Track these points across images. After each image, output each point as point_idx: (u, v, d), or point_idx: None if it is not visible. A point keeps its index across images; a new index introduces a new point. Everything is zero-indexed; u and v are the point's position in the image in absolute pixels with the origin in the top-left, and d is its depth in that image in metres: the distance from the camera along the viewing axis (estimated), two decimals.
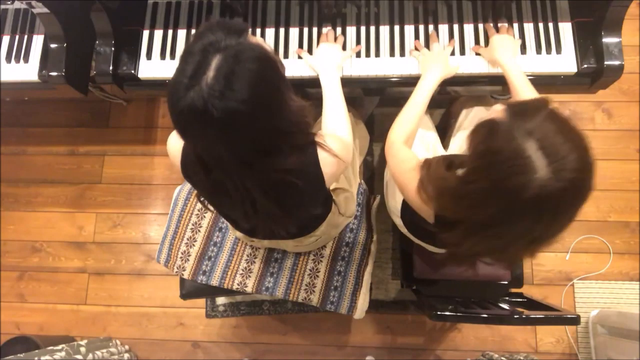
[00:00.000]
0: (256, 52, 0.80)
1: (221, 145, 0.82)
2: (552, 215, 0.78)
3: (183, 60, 0.79)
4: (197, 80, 0.75)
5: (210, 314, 2.04)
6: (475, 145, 0.82)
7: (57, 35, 1.39)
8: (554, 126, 0.75)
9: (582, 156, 0.75)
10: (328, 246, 1.42)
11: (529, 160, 0.73)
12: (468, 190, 0.82)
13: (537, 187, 0.73)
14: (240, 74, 0.76)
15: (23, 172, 2.25)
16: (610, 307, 1.95)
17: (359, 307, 1.41)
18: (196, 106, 0.75)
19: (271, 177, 0.90)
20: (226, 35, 0.79)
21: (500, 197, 0.78)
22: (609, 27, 1.26)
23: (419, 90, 1.21)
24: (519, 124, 0.76)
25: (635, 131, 2.08)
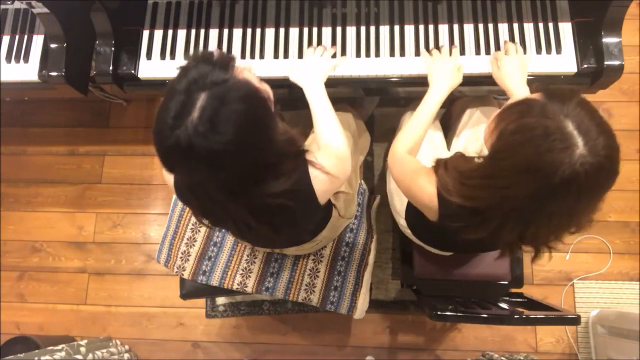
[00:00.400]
0: (243, 91, 0.78)
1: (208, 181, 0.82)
2: (591, 190, 0.78)
3: (167, 98, 0.78)
4: (181, 120, 0.74)
5: (210, 314, 2.04)
6: (506, 125, 0.81)
7: (57, 35, 1.39)
8: (585, 111, 0.77)
9: (611, 138, 0.77)
10: (328, 246, 1.42)
11: (570, 137, 0.75)
12: (501, 167, 0.82)
13: (579, 163, 0.74)
14: (226, 115, 0.75)
15: (23, 172, 2.25)
16: (610, 307, 1.94)
17: (359, 307, 1.41)
18: (181, 146, 0.75)
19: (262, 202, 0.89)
20: (211, 70, 0.77)
21: (537, 173, 0.77)
22: (609, 27, 1.26)
23: (426, 102, 1.21)
24: (555, 105, 0.78)
25: (635, 131, 2.08)
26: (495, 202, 0.85)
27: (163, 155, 0.80)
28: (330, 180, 0.97)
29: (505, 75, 1.23)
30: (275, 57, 1.37)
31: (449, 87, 1.23)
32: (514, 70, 1.23)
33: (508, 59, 1.25)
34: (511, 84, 1.21)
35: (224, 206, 0.89)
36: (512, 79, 1.22)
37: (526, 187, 0.79)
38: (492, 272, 1.44)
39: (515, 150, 0.79)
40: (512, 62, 1.24)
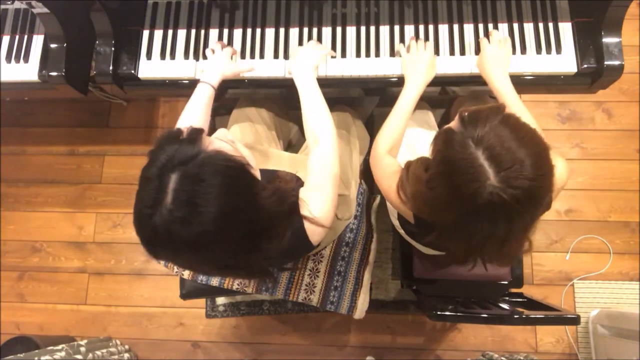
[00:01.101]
0: (216, 163, 0.74)
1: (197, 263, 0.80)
2: (506, 219, 0.79)
3: (140, 187, 0.75)
4: (157, 206, 0.71)
5: (210, 314, 2.04)
6: (435, 153, 0.85)
7: (57, 35, 1.39)
8: (505, 133, 0.77)
9: (535, 163, 0.76)
10: (328, 246, 1.42)
11: (480, 169, 0.76)
12: (432, 195, 0.86)
13: (487, 194, 0.75)
14: (204, 194, 0.71)
15: (23, 172, 2.25)
16: (610, 307, 1.94)
17: (359, 307, 1.41)
18: (159, 234, 0.72)
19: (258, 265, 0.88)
20: (178, 148, 0.74)
21: (458, 202, 0.81)
22: (609, 27, 1.26)
23: (402, 99, 1.20)
24: (469, 133, 0.79)
25: (635, 131, 2.08)
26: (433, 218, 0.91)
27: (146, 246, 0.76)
28: (323, 230, 0.95)
29: (487, 65, 1.21)
30: (275, 57, 1.37)
31: (424, 82, 1.22)
32: (495, 60, 1.22)
33: (491, 48, 1.24)
34: (492, 74, 1.20)
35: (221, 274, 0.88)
36: (493, 69, 1.20)
37: (451, 212, 0.83)
38: (492, 272, 1.44)
39: (440, 181, 0.83)
40: (494, 52, 1.23)
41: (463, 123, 0.81)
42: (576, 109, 2.12)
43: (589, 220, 2.02)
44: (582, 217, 2.02)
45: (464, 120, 0.82)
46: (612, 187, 2.04)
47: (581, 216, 2.02)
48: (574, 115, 2.11)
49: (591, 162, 2.07)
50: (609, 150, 2.07)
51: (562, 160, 1.01)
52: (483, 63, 1.23)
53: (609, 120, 2.11)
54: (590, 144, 2.08)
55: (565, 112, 2.12)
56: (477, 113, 0.82)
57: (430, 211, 0.90)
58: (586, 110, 2.12)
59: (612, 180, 2.04)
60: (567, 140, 2.09)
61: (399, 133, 1.18)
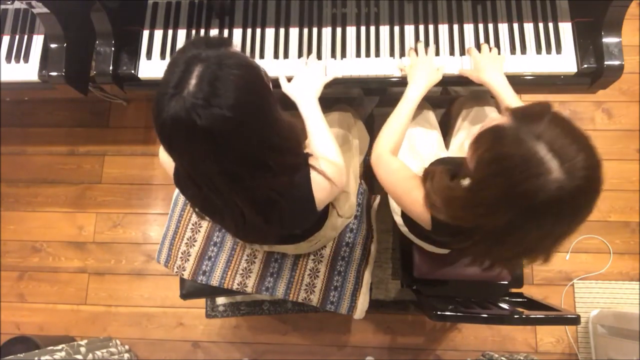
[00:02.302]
0: (239, 59, 0.78)
1: (207, 158, 0.79)
2: (571, 213, 0.77)
3: (167, 72, 0.78)
4: (180, 89, 0.73)
5: (210, 314, 2.04)
6: (481, 154, 0.80)
7: (57, 35, 1.39)
8: (559, 129, 0.75)
9: (590, 155, 0.75)
10: (328, 246, 1.42)
11: (542, 162, 0.73)
12: (480, 198, 0.81)
13: (554, 189, 0.72)
14: (225, 78, 0.74)
15: (23, 172, 2.25)
16: (610, 307, 1.95)
17: (359, 307, 1.41)
18: (179, 116, 0.73)
19: (260, 194, 0.87)
20: (207, 48, 0.78)
21: (515, 202, 0.77)
22: (609, 27, 1.26)
23: (404, 101, 1.21)
24: (526, 128, 0.76)
25: (635, 131, 2.08)
26: (476, 224, 0.86)
27: (160, 129, 0.77)
28: (330, 187, 0.96)
29: (480, 70, 1.24)
30: (275, 57, 1.37)
31: (427, 83, 1.23)
32: (487, 64, 1.24)
33: (480, 56, 1.27)
34: (488, 76, 1.22)
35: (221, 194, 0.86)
36: (487, 72, 1.22)
37: (504, 214, 0.79)
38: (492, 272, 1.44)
39: (491, 181, 0.79)
40: (484, 58, 1.26)
41: (516, 119, 0.78)
42: (576, 109, 2.12)
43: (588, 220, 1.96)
44: None
45: (516, 116, 0.79)
46: (612, 187, 2.04)
47: None
48: (574, 115, 2.11)
49: None
50: (609, 150, 2.07)
51: None
52: (479, 70, 1.25)
53: (609, 120, 2.11)
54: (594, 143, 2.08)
55: (565, 112, 2.11)
56: (529, 109, 0.80)
57: (474, 216, 0.85)
58: (586, 110, 2.12)
59: (612, 180, 2.04)
60: None
61: (400, 134, 1.18)
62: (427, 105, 1.53)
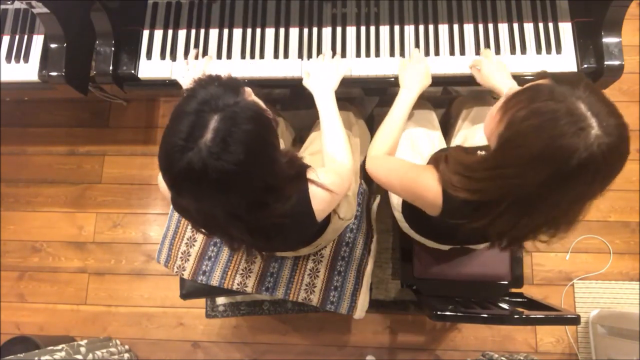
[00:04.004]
0: (252, 112, 0.79)
1: (213, 204, 0.82)
2: (605, 173, 0.76)
3: (176, 120, 0.77)
4: (193, 142, 0.74)
5: (210, 314, 2.04)
6: (516, 111, 0.78)
7: (57, 35, 1.39)
8: (596, 92, 0.76)
9: (620, 120, 0.75)
10: (328, 246, 1.42)
11: (585, 118, 0.72)
12: (512, 156, 0.79)
13: (596, 145, 0.71)
14: (237, 135, 0.75)
15: (23, 172, 2.25)
16: (610, 307, 1.95)
17: (359, 307, 1.41)
18: (193, 168, 0.74)
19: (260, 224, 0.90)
20: (223, 93, 0.78)
21: (552, 158, 0.74)
22: (609, 27, 1.26)
23: (397, 105, 1.22)
24: (565, 88, 0.75)
25: (636, 131, 2.08)
26: (502, 192, 0.83)
27: (172, 178, 0.78)
28: (330, 197, 0.97)
29: (487, 75, 1.24)
30: (275, 57, 1.37)
31: (419, 88, 1.24)
32: (494, 69, 1.24)
33: (486, 61, 1.27)
34: (496, 81, 1.22)
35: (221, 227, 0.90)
36: (495, 76, 1.23)
37: (539, 174, 0.76)
38: (492, 272, 1.44)
39: (528, 136, 0.75)
40: (490, 63, 1.26)
41: (555, 80, 0.78)
42: None
43: (589, 220, 2.02)
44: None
45: (555, 78, 0.78)
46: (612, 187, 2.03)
47: None
48: None
49: None
50: None
51: None
52: (482, 74, 1.25)
53: None
54: None
55: None
56: (566, 75, 0.81)
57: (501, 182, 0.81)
58: None
59: None
60: None
61: (395, 137, 1.18)
62: (428, 106, 1.53)
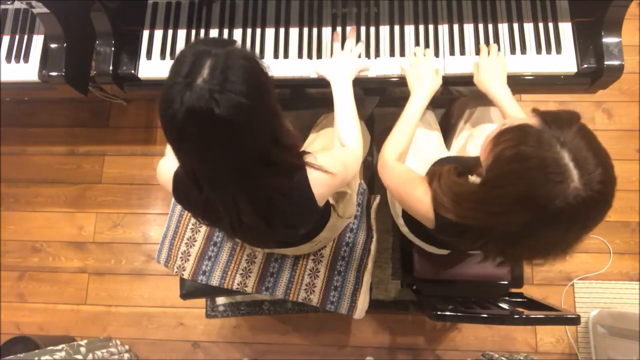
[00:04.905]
0: (245, 52, 0.81)
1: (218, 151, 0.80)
2: (582, 223, 0.78)
3: (176, 64, 0.79)
4: (192, 79, 0.75)
5: (210, 314, 2.04)
6: (502, 150, 0.79)
7: (57, 35, 1.39)
8: (587, 139, 0.76)
9: (608, 172, 0.75)
10: (328, 246, 1.42)
11: (566, 169, 0.73)
12: (495, 196, 0.81)
13: (571, 197, 0.73)
14: (235, 67, 0.77)
15: (23, 172, 2.25)
16: (610, 307, 1.95)
17: (359, 307, 1.41)
18: (196, 106, 0.73)
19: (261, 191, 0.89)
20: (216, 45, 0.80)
21: (531, 204, 0.76)
22: (609, 27, 1.26)
23: (409, 110, 1.21)
24: (554, 133, 0.76)
25: (635, 131, 2.08)
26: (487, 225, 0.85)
27: (171, 122, 0.77)
28: (330, 179, 0.96)
29: (484, 78, 1.24)
30: (275, 57, 1.37)
31: (430, 91, 1.23)
32: (493, 73, 1.23)
33: (486, 62, 1.26)
34: (491, 86, 1.22)
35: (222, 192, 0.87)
36: (492, 81, 1.22)
37: (519, 216, 0.79)
38: (492, 272, 1.44)
39: (510, 180, 0.78)
40: (490, 65, 1.25)
41: (546, 122, 0.78)
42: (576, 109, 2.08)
43: None
44: None
45: (546, 119, 0.78)
46: None
47: None
48: None
49: None
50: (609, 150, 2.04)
51: None
52: (480, 77, 1.25)
53: (609, 120, 2.11)
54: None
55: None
56: (559, 115, 0.79)
57: (485, 216, 0.84)
58: (586, 110, 2.12)
59: None
60: None
61: (406, 142, 1.18)
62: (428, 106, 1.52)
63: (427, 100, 1.23)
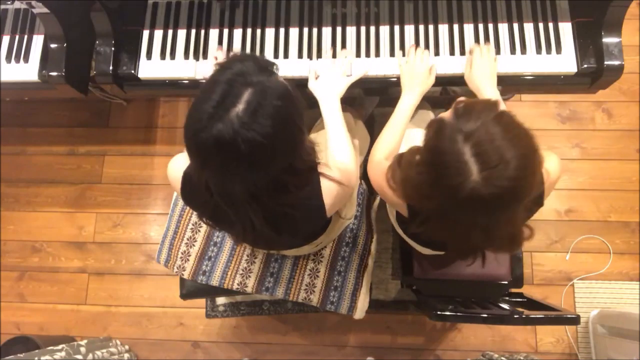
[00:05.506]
0: (282, 89, 0.80)
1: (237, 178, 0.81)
2: (485, 213, 0.83)
3: (207, 89, 0.78)
4: (224, 110, 0.74)
5: (210, 314, 2.04)
6: (427, 140, 0.86)
7: (57, 35, 1.39)
8: (496, 131, 0.78)
9: (520, 164, 0.77)
10: (328, 246, 1.43)
11: (465, 165, 0.77)
12: (419, 180, 0.87)
13: (468, 189, 0.77)
14: (267, 109, 0.76)
15: (23, 172, 2.25)
16: (610, 307, 1.95)
17: (359, 307, 1.41)
18: (224, 138, 0.74)
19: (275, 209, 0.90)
20: (257, 70, 0.79)
21: (441, 191, 0.82)
22: (609, 27, 1.26)
23: (399, 110, 1.22)
24: (460, 126, 0.79)
25: (635, 131, 2.08)
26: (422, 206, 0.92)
27: (197, 146, 0.78)
28: (342, 191, 0.98)
29: (474, 77, 1.24)
30: (275, 57, 1.37)
31: (421, 91, 1.24)
32: (483, 72, 1.24)
33: (478, 61, 1.26)
34: (480, 85, 1.22)
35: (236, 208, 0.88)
36: (482, 81, 1.23)
37: (437, 199, 0.85)
38: (492, 272, 1.44)
39: (428, 168, 0.85)
40: (482, 64, 1.25)
41: (456, 115, 0.82)
42: (576, 109, 2.12)
43: (589, 220, 2.02)
44: (582, 217, 2.02)
45: (457, 112, 0.82)
46: (612, 187, 2.04)
47: (581, 216, 2.02)
48: (574, 115, 2.11)
49: (591, 162, 2.07)
50: (609, 150, 2.07)
51: (554, 156, 1.03)
52: (472, 75, 1.25)
53: (609, 120, 2.11)
54: (590, 144, 2.08)
55: (565, 112, 2.12)
56: (472, 106, 0.83)
57: (417, 196, 0.91)
58: (586, 110, 2.12)
59: (612, 180, 2.04)
60: (567, 140, 2.09)
61: (396, 142, 1.19)
62: (426, 106, 1.53)
63: (418, 100, 1.24)
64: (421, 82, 1.24)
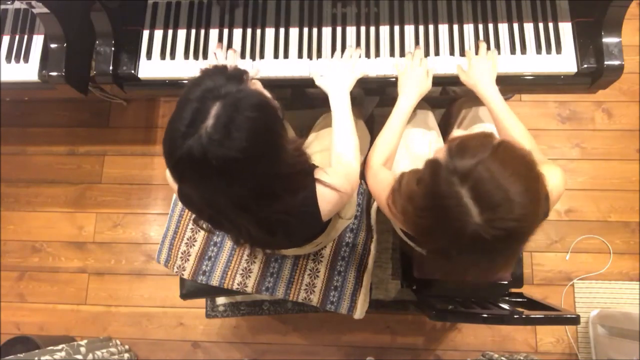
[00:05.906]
0: (255, 99, 0.79)
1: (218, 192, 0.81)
2: (487, 255, 0.80)
3: (180, 107, 0.78)
4: (195, 128, 0.74)
5: (210, 314, 2.04)
6: (423, 185, 0.82)
7: (57, 35, 1.39)
8: (494, 168, 0.73)
9: (522, 202, 0.73)
10: (328, 246, 1.42)
11: (464, 208, 0.74)
12: (419, 222, 0.84)
13: (470, 232, 0.74)
14: (240, 122, 0.75)
15: (23, 172, 2.25)
16: (610, 307, 1.95)
17: (359, 307, 1.41)
18: (194, 155, 0.74)
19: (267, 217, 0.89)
20: (226, 82, 0.78)
21: (444, 234, 0.80)
22: (609, 27, 1.26)
23: (395, 113, 1.22)
24: (455, 167, 0.75)
25: (635, 131, 2.08)
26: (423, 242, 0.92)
27: (173, 165, 0.78)
28: (338, 198, 0.97)
29: (472, 77, 1.24)
30: (275, 57, 1.37)
31: (418, 95, 1.24)
32: (482, 72, 1.23)
33: (477, 60, 1.26)
34: (480, 86, 1.22)
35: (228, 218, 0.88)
36: (481, 81, 1.22)
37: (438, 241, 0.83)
38: None
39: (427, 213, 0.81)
40: (480, 64, 1.25)
41: (450, 154, 0.78)
42: (576, 109, 2.12)
43: (589, 220, 2.02)
44: (582, 217, 2.02)
45: (451, 151, 0.78)
46: (612, 187, 2.04)
47: (581, 216, 2.02)
48: (574, 115, 2.11)
49: (591, 162, 2.07)
50: (609, 150, 2.07)
51: (556, 172, 0.99)
52: (469, 75, 1.25)
53: (609, 120, 2.11)
54: (590, 144, 2.08)
55: (565, 112, 2.12)
56: (466, 143, 0.79)
57: (417, 235, 0.90)
58: (586, 110, 2.12)
59: (612, 180, 2.04)
60: (567, 140, 2.09)
61: (393, 145, 1.19)
62: (426, 106, 1.53)
63: (415, 103, 1.24)
64: (418, 85, 1.24)
